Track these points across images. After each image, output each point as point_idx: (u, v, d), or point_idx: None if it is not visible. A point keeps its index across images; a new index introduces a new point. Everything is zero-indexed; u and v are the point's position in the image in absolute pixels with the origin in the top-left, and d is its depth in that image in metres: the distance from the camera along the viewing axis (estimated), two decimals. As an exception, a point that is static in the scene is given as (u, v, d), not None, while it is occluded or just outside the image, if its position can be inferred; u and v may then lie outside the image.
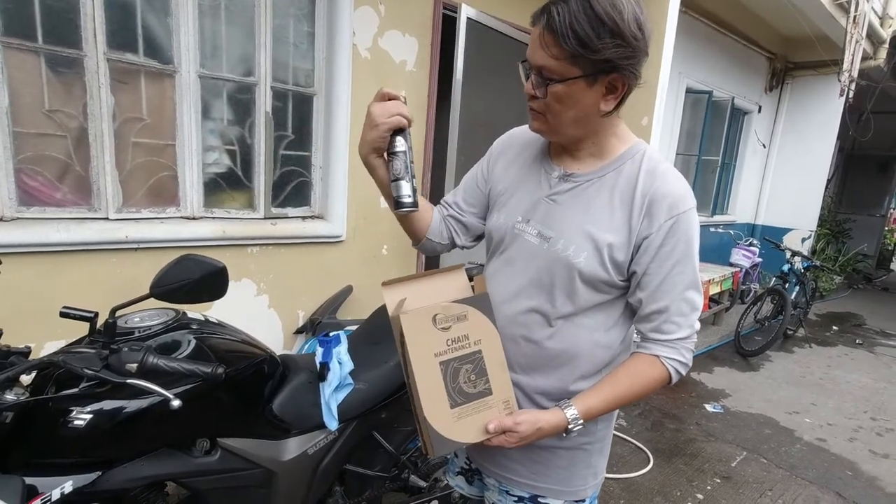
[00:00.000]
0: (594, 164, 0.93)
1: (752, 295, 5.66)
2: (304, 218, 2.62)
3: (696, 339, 0.92)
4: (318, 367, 1.46)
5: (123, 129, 2.06)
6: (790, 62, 6.69)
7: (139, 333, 1.17)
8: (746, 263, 5.68)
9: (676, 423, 3.19)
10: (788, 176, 7.00)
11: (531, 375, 0.96)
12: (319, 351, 1.50)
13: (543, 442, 0.93)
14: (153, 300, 1.08)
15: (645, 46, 0.81)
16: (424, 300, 0.90)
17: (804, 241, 6.95)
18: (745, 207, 7.00)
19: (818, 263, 5.40)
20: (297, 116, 2.55)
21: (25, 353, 1.07)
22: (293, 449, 1.37)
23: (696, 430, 3.12)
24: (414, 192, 0.95)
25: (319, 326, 2.36)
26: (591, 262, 0.89)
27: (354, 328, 1.81)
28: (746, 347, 4.56)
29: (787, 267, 5.01)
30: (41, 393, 1.05)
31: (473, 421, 0.88)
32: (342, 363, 1.45)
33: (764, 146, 6.98)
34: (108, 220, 2.04)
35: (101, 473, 1.09)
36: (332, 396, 1.39)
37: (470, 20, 2.83)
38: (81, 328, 1.12)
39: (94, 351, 1.02)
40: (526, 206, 0.98)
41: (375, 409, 1.52)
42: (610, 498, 2.37)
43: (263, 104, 2.39)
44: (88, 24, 1.89)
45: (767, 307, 5.02)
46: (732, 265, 5.56)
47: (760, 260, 5.95)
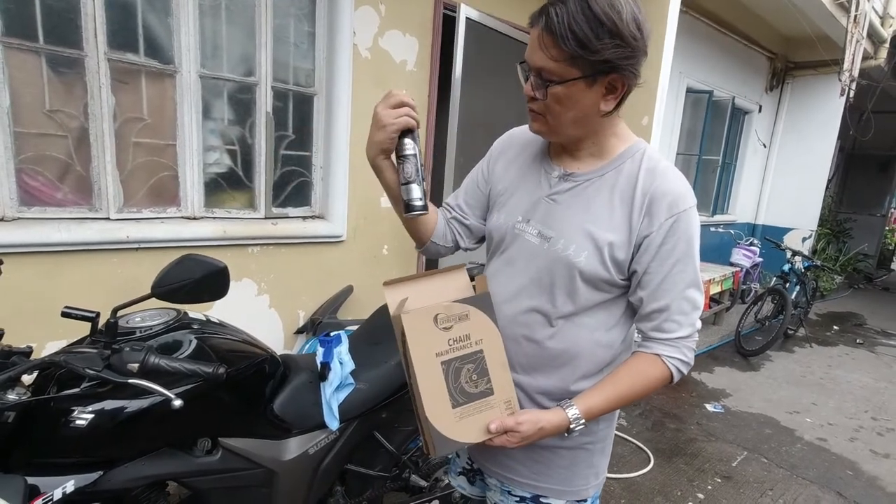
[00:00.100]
0: (594, 163, 0.93)
1: (752, 295, 5.66)
2: (304, 218, 2.63)
3: (697, 337, 0.92)
4: (318, 366, 1.46)
5: (124, 129, 2.06)
6: (791, 62, 6.69)
7: (140, 333, 1.17)
8: (747, 263, 5.68)
9: (677, 422, 3.19)
10: (789, 175, 7.00)
11: (532, 375, 0.96)
12: (320, 351, 1.50)
13: (545, 442, 0.93)
14: (154, 300, 1.08)
15: (644, 46, 0.81)
16: (426, 300, 0.90)
17: (805, 240, 6.95)
18: (745, 207, 6.99)
19: (819, 263, 5.39)
20: (297, 116, 2.55)
21: (27, 353, 1.07)
22: (294, 449, 1.37)
23: (696, 429, 3.12)
24: (424, 195, 0.94)
25: (320, 326, 2.36)
26: (591, 261, 0.88)
27: (355, 328, 1.81)
28: (747, 347, 4.55)
29: (787, 267, 5.01)
30: (43, 393, 1.05)
31: (475, 421, 0.88)
32: (343, 363, 1.45)
33: (764, 146, 6.98)
34: (108, 220, 2.05)
35: (102, 473, 1.09)
36: (333, 396, 1.40)
37: (469, 20, 2.83)
38: (82, 328, 1.12)
39: (95, 351, 1.02)
40: (526, 205, 0.98)
41: (376, 408, 1.52)
42: (611, 497, 2.37)
43: (264, 104, 2.39)
44: (89, 24, 1.89)
45: (768, 307, 5.03)
46: (733, 265, 5.56)
47: (761, 260, 5.95)
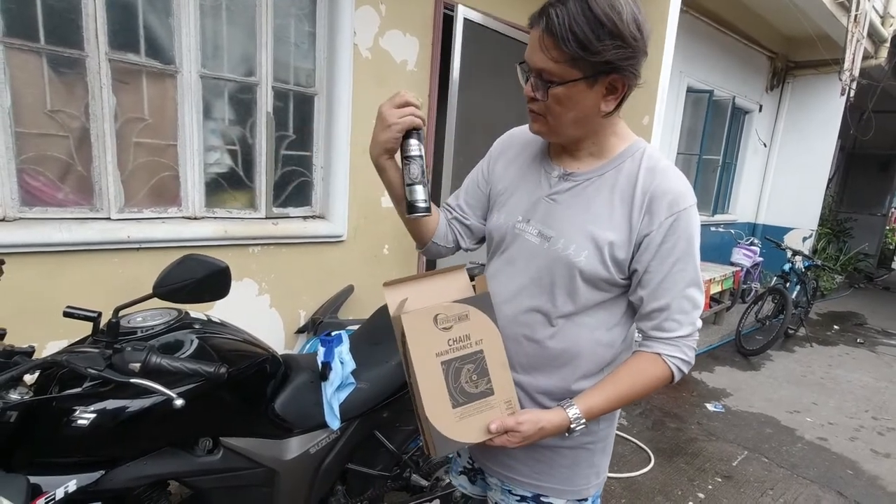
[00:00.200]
0: (594, 163, 0.93)
1: (752, 294, 5.67)
2: (305, 218, 2.63)
3: (697, 336, 0.92)
4: (319, 366, 1.46)
5: (125, 129, 2.06)
6: (791, 61, 6.68)
7: (142, 333, 1.17)
8: (747, 263, 5.68)
9: (677, 422, 3.19)
10: (789, 175, 6.99)
11: (533, 375, 0.96)
12: (321, 350, 1.50)
13: (546, 441, 0.93)
14: (156, 300, 1.09)
15: (644, 46, 0.81)
16: (426, 300, 0.90)
17: (805, 240, 6.95)
18: (745, 207, 6.99)
19: (819, 263, 5.38)
20: (298, 116, 2.55)
21: (29, 352, 1.07)
22: (295, 448, 1.37)
23: (697, 429, 3.12)
24: (428, 196, 0.94)
25: (321, 326, 2.36)
26: (591, 260, 0.89)
27: (356, 328, 1.82)
28: (747, 347, 4.55)
29: (788, 266, 5.00)
30: (45, 392, 1.05)
31: (475, 421, 0.88)
32: (344, 362, 1.45)
33: (765, 145, 6.97)
34: (110, 220, 2.05)
35: (104, 472, 1.09)
36: (333, 396, 1.40)
37: (467, 20, 2.83)
38: (84, 328, 1.12)
39: (97, 350, 1.03)
40: (526, 205, 0.98)
41: (377, 408, 1.52)
42: (611, 497, 2.38)
43: (265, 104, 2.40)
44: (90, 24, 1.89)
45: (768, 306, 5.03)
46: (733, 264, 5.56)
47: (761, 259, 5.95)
